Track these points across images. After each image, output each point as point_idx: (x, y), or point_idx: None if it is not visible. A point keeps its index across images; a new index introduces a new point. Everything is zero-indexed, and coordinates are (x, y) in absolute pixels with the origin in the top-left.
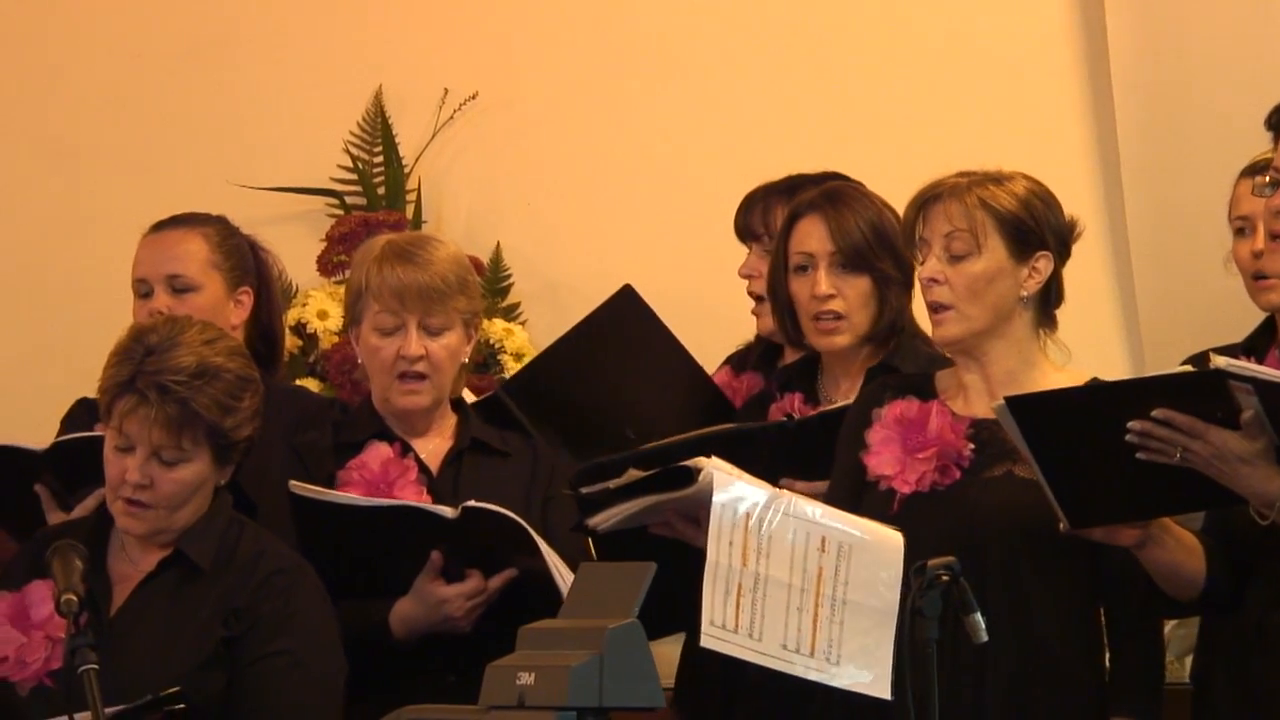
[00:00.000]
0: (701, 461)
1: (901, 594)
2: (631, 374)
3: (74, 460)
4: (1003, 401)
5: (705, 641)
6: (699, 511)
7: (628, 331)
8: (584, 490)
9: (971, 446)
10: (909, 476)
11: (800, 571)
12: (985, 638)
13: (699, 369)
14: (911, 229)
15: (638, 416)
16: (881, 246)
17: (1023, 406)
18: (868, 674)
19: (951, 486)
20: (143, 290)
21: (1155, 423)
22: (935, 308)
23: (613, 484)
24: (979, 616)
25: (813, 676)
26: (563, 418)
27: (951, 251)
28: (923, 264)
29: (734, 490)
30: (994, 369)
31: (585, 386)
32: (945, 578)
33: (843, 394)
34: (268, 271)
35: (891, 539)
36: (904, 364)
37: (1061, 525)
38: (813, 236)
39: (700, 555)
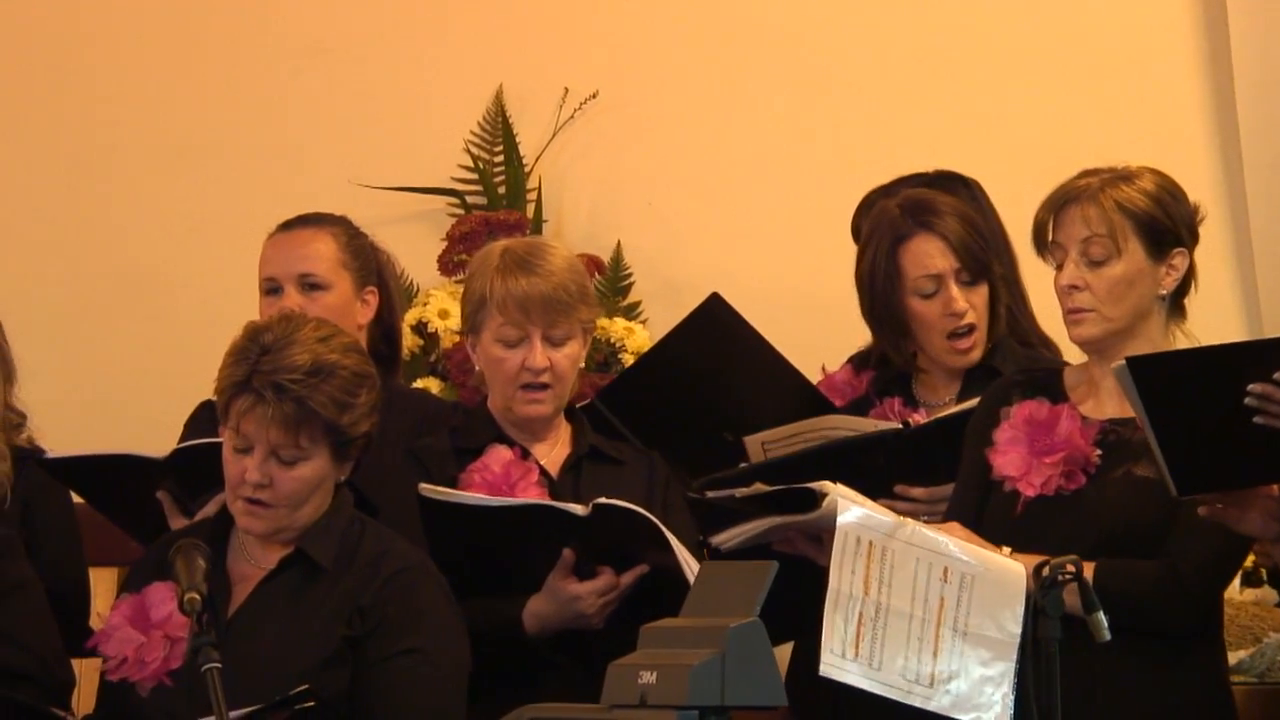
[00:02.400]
0: (826, 486)
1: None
2: (726, 379)
3: (194, 466)
4: (1123, 362)
5: (824, 670)
6: (822, 532)
7: (718, 338)
8: (709, 494)
9: (1099, 453)
10: (1034, 479)
11: (922, 601)
12: (1108, 636)
13: (794, 371)
14: (1043, 232)
15: (735, 420)
16: (989, 245)
17: (1143, 366)
18: (987, 705)
19: (1075, 491)
20: (271, 288)
21: (1276, 385)
22: (1074, 310)
23: (738, 492)
24: (1102, 615)
25: (931, 707)
26: (658, 424)
27: (1090, 256)
28: (1059, 269)
29: (857, 518)
30: None
31: (678, 393)
32: (1068, 576)
33: (940, 397)
34: (387, 272)
35: (1014, 571)
36: (1003, 365)
37: (1172, 493)
38: (934, 256)
39: (813, 565)
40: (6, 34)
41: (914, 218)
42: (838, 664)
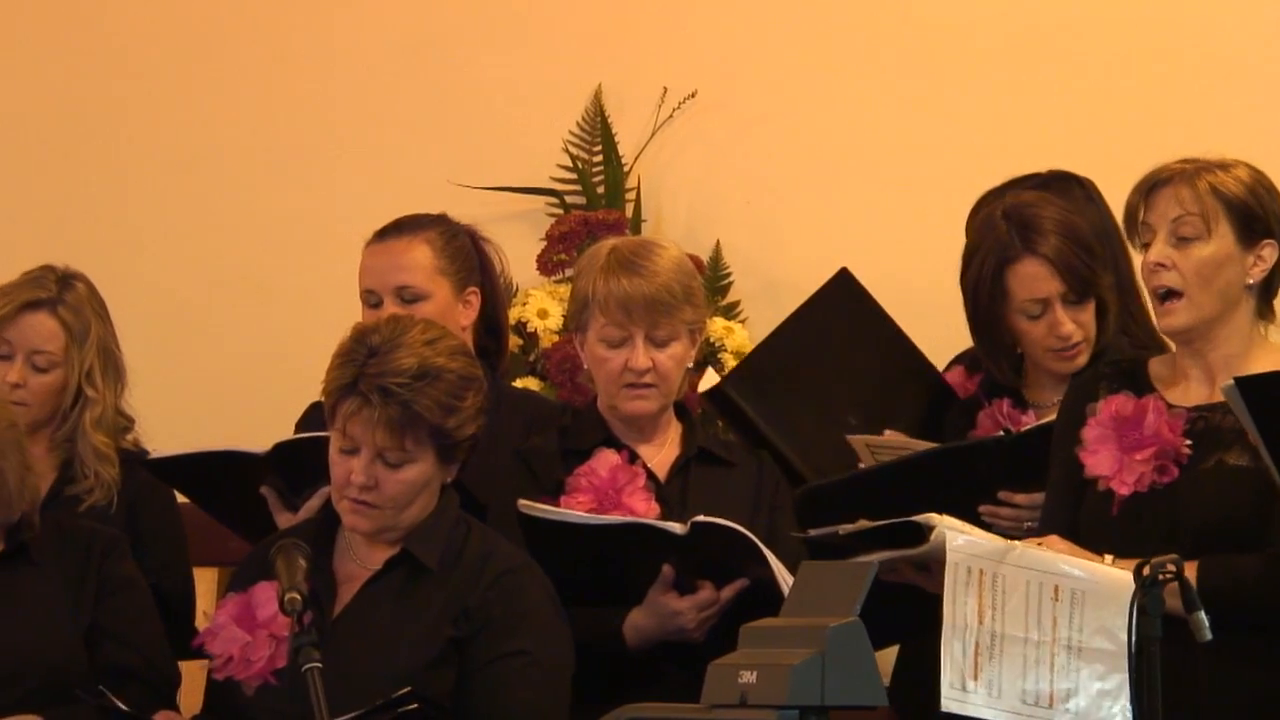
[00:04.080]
0: (933, 519)
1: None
2: (852, 359)
3: (296, 461)
4: (1232, 382)
5: (946, 705)
6: (930, 563)
7: (846, 315)
8: (813, 533)
9: (1189, 443)
10: (1127, 478)
11: (1035, 623)
12: (1209, 636)
13: (919, 355)
14: (1134, 214)
15: (860, 403)
16: (1093, 259)
17: (1253, 387)
18: (1107, 719)
19: (1169, 484)
20: (372, 301)
21: None
22: (1163, 296)
23: (842, 530)
24: (1203, 614)
25: None
26: (786, 406)
27: (1179, 234)
28: (1147, 249)
29: (966, 549)
30: (1214, 355)
31: (806, 373)
32: (1169, 576)
33: (1049, 398)
34: (490, 264)
35: (1122, 581)
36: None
37: None
38: (1039, 280)
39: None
40: (109, 34)
41: (1020, 237)
42: (959, 697)
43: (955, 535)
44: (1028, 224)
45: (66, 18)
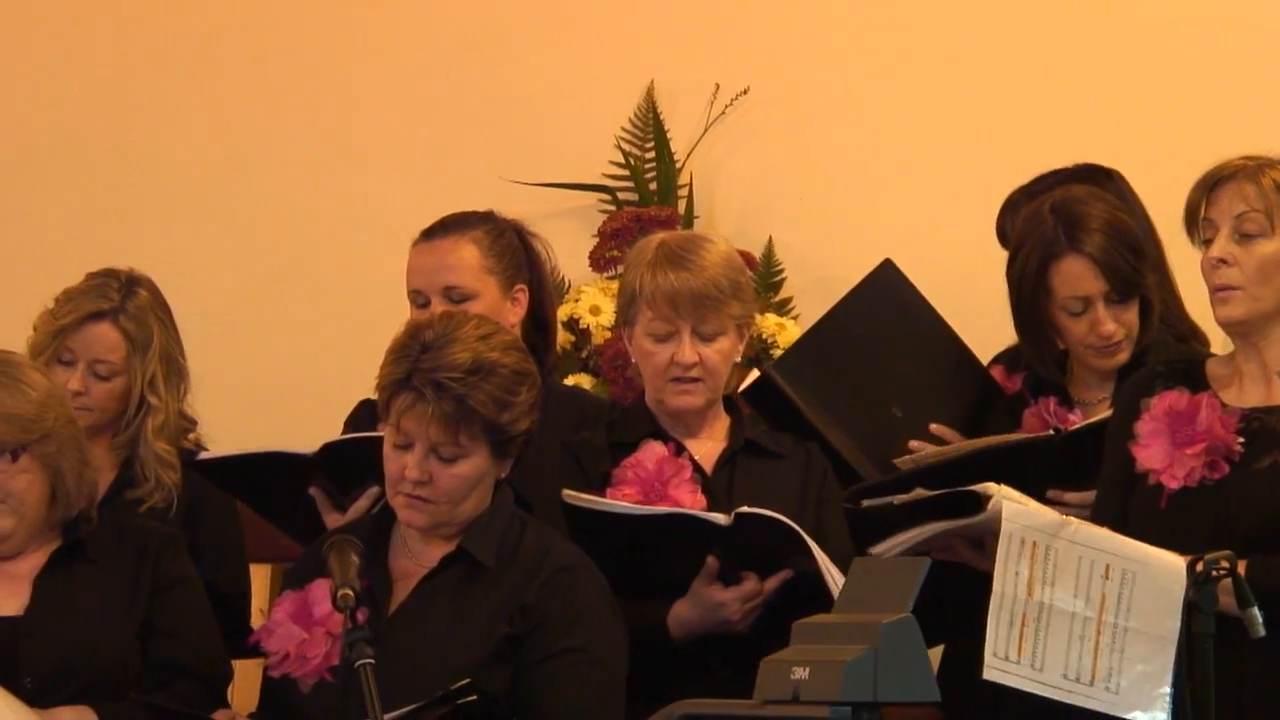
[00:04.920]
0: (990, 488)
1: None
2: (897, 350)
3: (344, 461)
4: None
5: (988, 674)
6: (984, 537)
7: (889, 306)
8: (866, 503)
9: (1241, 440)
10: (1177, 472)
11: (1084, 599)
12: (1263, 632)
13: (964, 348)
14: (1196, 210)
15: (905, 395)
16: (1139, 260)
17: None
18: (1148, 702)
19: (1220, 480)
20: (420, 301)
21: None
22: (1220, 287)
23: (897, 499)
24: (1257, 611)
25: (1092, 706)
26: (830, 393)
27: (1243, 231)
28: (1208, 245)
29: (1022, 519)
30: (1270, 354)
31: (850, 363)
32: (1223, 572)
33: (1096, 396)
34: (538, 260)
35: (1175, 566)
36: (1155, 361)
37: None
38: (1083, 279)
39: (967, 568)
40: (161, 31)
41: (1066, 233)
42: (1001, 666)
43: (1013, 505)
44: (1074, 221)
45: (117, 14)
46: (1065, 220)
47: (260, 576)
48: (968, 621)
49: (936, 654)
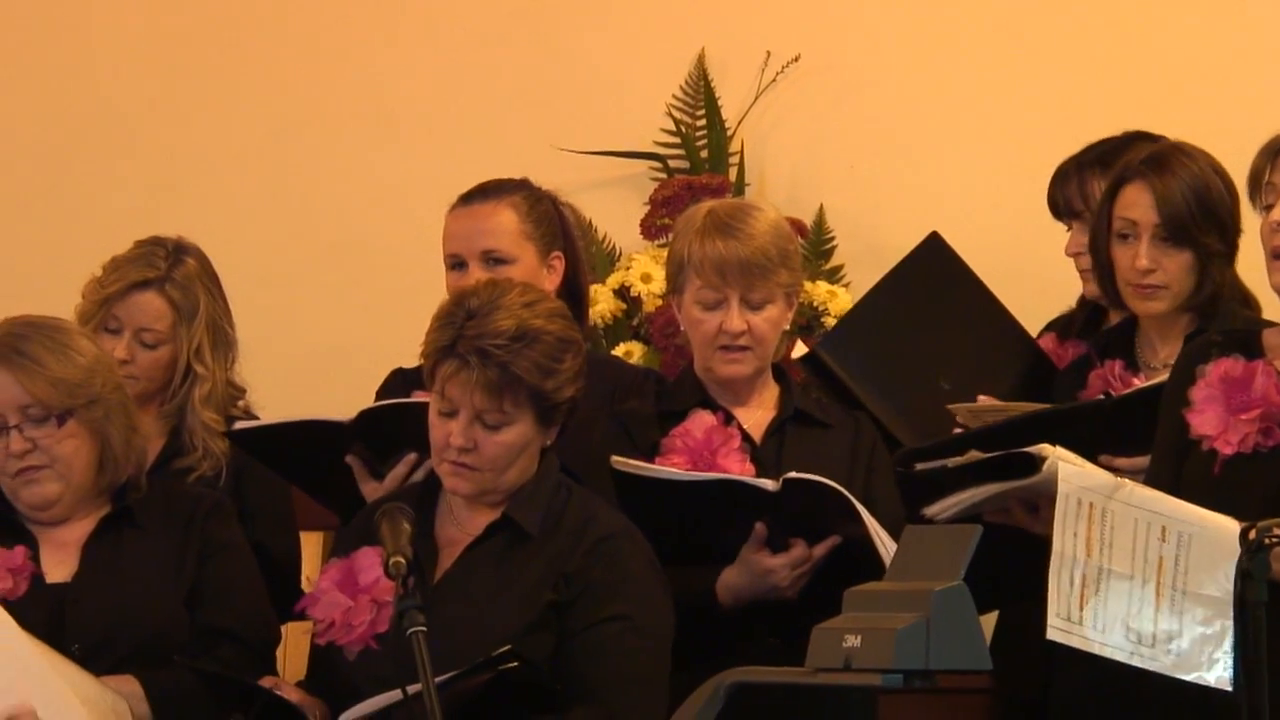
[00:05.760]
0: (1045, 449)
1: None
2: (944, 323)
3: (382, 428)
4: None
5: (1052, 634)
6: (1038, 499)
7: (937, 278)
8: (920, 467)
9: None
10: (1231, 437)
11: (1141, 562)
12: None
13: (1012, 320)
14: (1260, 175)
15: (953, 367)
16: (1206, 219)
17: None
18: (1208, 664)
19: (1274, 447)
20: (456, 264)
21: None
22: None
23: (950, 462)
24: None
25: (1154, 668)
26: (878, 369)
27: None
28: (1268, 211)
29: (1078, 480)
30: None
31: (899, 338)
32: (1276, 539)
33: (1161, 360)
34: (571, 230)
35: (1230, 529)
36: (1214, 329)
37: None
38: (1138, 205)
39: (1020, 534)
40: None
41: (1145, 162)
42: (1065, 627)
43: (1069, 467)
44: (1160, 158)
45: None
46: (1153, 154)
47: (311, 544)
48: (1019, 589)
49: (989, 623)
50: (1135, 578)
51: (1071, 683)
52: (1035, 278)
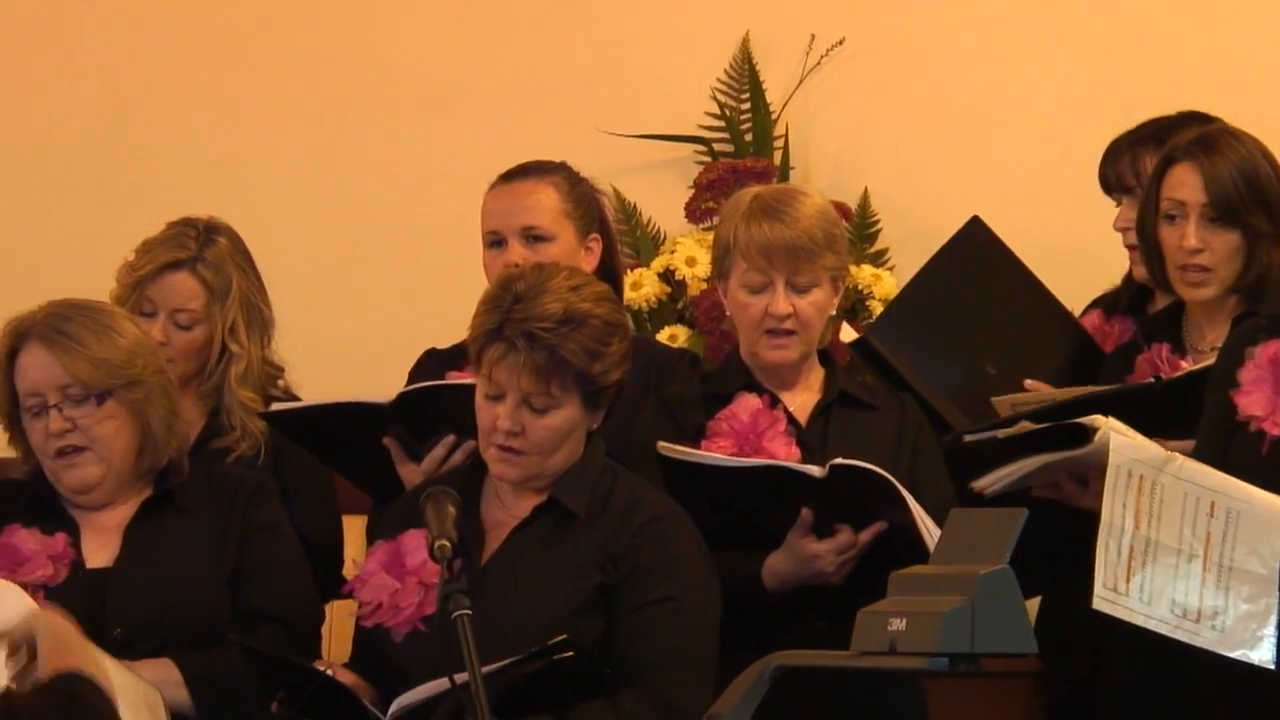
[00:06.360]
0: (1098, 420)
1: None
2: (988, 307)
3: (420, 410)
4: None
5: (1098, 604)
6: (1088, 472)
7: (980, 262)
8: (969, 437)
9: None
10: (1279, 419)
11: (1189, 536)
12: None
13: (1056, 303)
14: None
15: (999, 352)
16: (1255, 200)
17: None
18: (1252, 641)
19: None
20: (495, 240)
21: None
22: None
23: (1001, 433)
24: None
25: (1198, 643)
26: (926, 357)
27: None
28: None
29: (1130, 452)
30: None
31: (944, 323)
32: None
33: (1209, 343)
34: (606, 214)
35: (1278, 505)
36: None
37: None
38: (1186, 185)
39: (1066, 519)
40: None
41: (1190, 147)
42: (1110, 597)
43: (1120, 438)
44: (1208, 139)
45: None
46: (1201, 136)
47: (356, 527)
48: (1065, 573)
49: (1032, 606)
50: (1182, 551)
51: (1121, 671)
52: (1080, 260)
